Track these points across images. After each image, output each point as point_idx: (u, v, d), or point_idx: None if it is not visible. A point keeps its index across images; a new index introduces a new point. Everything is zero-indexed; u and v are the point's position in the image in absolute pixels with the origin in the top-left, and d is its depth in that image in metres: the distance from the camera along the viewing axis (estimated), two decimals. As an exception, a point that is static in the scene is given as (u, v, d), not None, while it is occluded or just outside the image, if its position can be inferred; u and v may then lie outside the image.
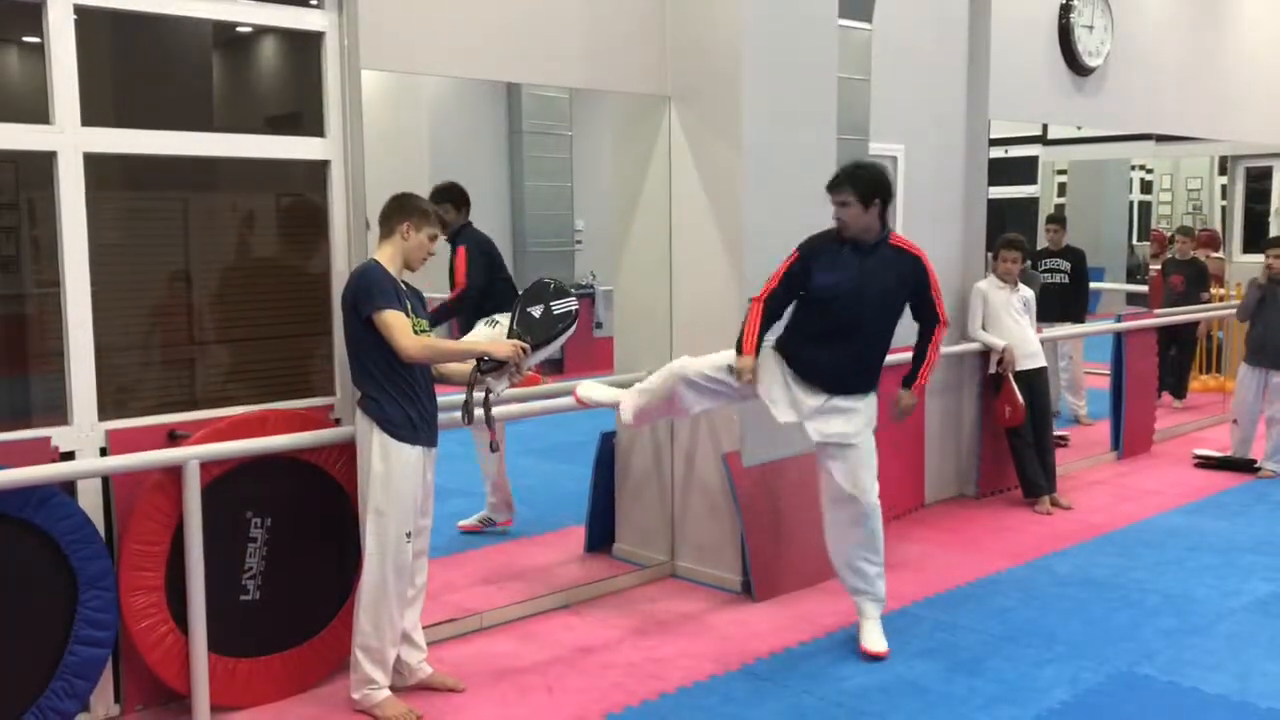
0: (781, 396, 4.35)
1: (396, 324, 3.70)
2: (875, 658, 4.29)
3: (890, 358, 4.45)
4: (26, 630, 3.49)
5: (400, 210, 3.87)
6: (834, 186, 4.25)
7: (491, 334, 4.47)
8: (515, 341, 3.95)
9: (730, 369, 4.33)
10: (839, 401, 4.28)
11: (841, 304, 4.23)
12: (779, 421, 4.36)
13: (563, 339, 4.10)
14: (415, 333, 3.79)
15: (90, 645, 3.57)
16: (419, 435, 3.82)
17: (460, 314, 5.61)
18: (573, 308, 4.13)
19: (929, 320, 4.42)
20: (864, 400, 4.33)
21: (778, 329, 4.43)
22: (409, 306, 3.80)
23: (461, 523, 5.88)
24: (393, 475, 3.77)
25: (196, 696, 3.75)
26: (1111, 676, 4.17)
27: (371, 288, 3.72)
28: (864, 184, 4.19)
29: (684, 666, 4.26)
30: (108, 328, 3.77)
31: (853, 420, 4.29)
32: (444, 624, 4.51)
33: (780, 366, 4.35)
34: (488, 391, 3.98)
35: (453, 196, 5.77)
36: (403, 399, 3.78)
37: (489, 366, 3.93)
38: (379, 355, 3.75)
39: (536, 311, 4.07)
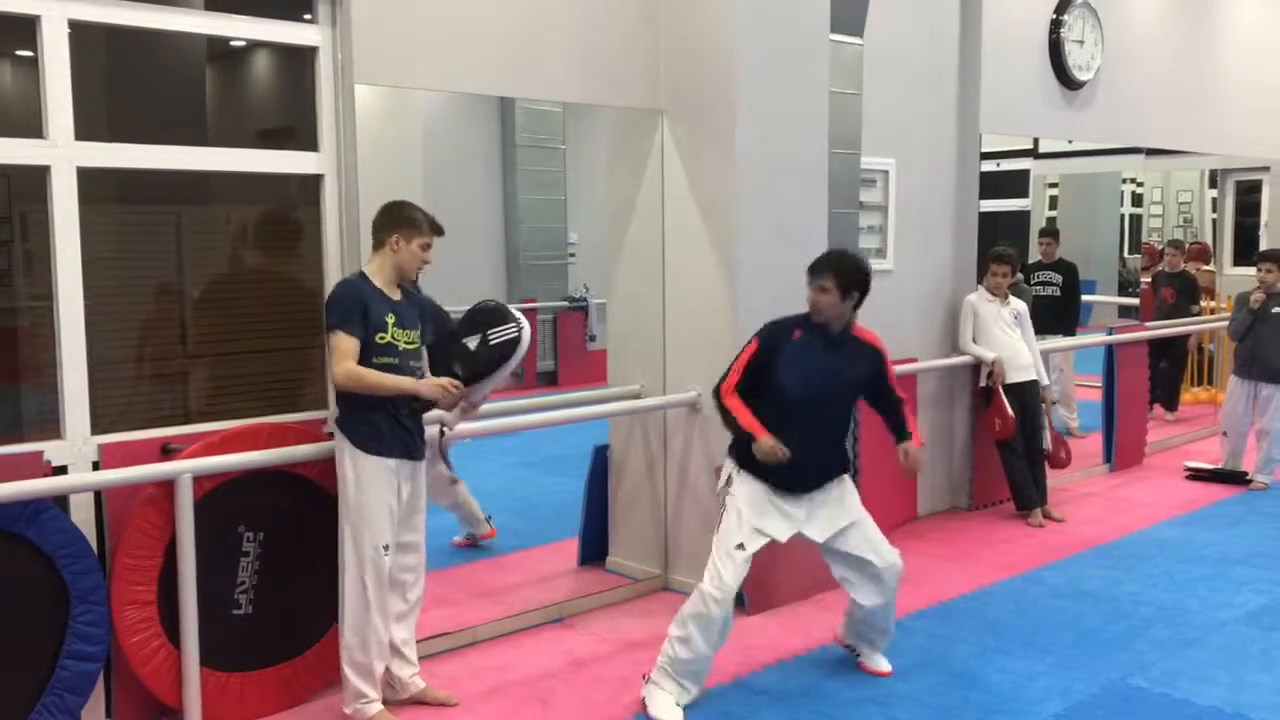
0: (773, 520, 4.06)
1: (339, 347, 3.66)
2: (880, 675, 4.30)
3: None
4: (17, 645, 3.48)
5: (390, 222, 3.82)
6: (816, 270, 4.07)
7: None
8: (444, 381, 3.81)
9: (740, 546, 4.00)
10: (818, 495, 4.13)
11: (807, 401, 4.04)
12: (782, 541, 4.11)
13: (507, 368, 3.93)
14: (402, 346, 3.77)
15: (82, 660, 3.56)
16: (387, 447, 3.77)
17: None
18: (513, 334, 3.93)
19: (892, 407, 4.25)
20: (841, 481, 4.20)
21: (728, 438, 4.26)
22: (392, 319, 3.77)
23: (456, 539, 5.87)
24: (362, 486, 3.75)
25: (189, 711, 3.75)
26: (1104, 688, 4.18)
27: (334, 304, 3.71)
28: (847, 274, 4.03)
29: (677, 680, 4.25)
30: (101, 342, 3.76)
31: (843, 502, 4.18)
32: (437, 638, 4.50)
33: (756, 485, 4.07)
34: (442, 425, 3.93)
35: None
36: (369, 410, 3.74)
37: (420, 407, 3.85)
38: None
39: (472, 343, 3.92)
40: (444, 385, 3.81)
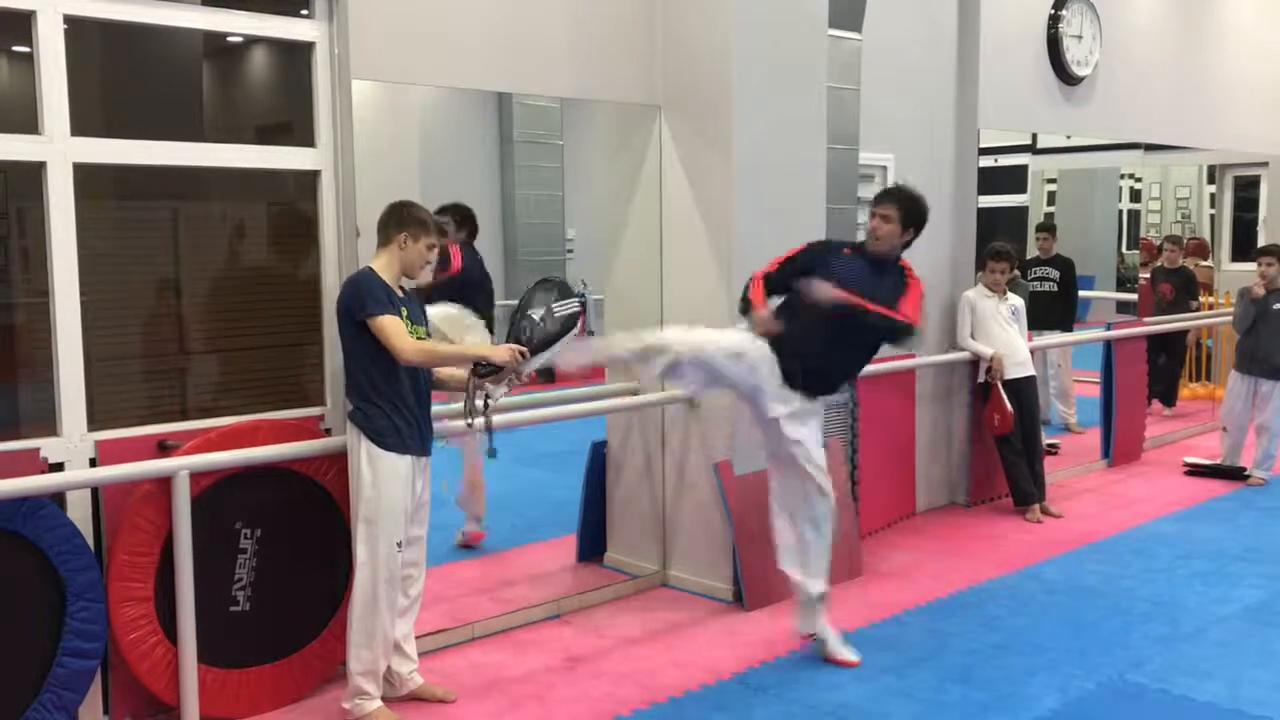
0: (776, 391, 4.28)
1: (390, 327, 3.70)
2: (848, 666, 4.31)
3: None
4: (14, 642, 3.47)
5: (398, 221, 3.86)
6: (881, 198, 4.28)
7: (483, 335, 4.38)
8: (513, 346, 3.91)
9: (738, 355, 4.24)
10: (806, 404, 4.28)
11: (833, 306, 4.18)
12: (768, 416, 4.29)
13: (564, 341, 4.04)
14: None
15: (79, 657, 3.56)
16: (406, 444, 3.81)
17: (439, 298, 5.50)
18: (574, 310, 4.09)
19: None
20: (815, 402, 4.32)
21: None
22: (405, 313, 3.80)
23: (459, 543, 5.82)
24: (381, 484, 3.76)
25: (186, 708, 3.74)
26: (1101, 684, 4.18)
27: (364, 294, 3.72)
28: (911, 207, 4.24)
29: (675, 676, 4.25)
30: (97, 338, 3.76)
31: (808, 423, 4.31)
32: (435, 634, 4.50)
33: (773, 364, 4.28)
34: (486, 397, 3.97)
35: (454, 212, 5.80)
36: (389, 408, 3.77)
37: (487, 371, 3.90)
38: (368, 363, 3.75)
39: (538, 314, 4.01)
40: (514, 350, 3.87)
